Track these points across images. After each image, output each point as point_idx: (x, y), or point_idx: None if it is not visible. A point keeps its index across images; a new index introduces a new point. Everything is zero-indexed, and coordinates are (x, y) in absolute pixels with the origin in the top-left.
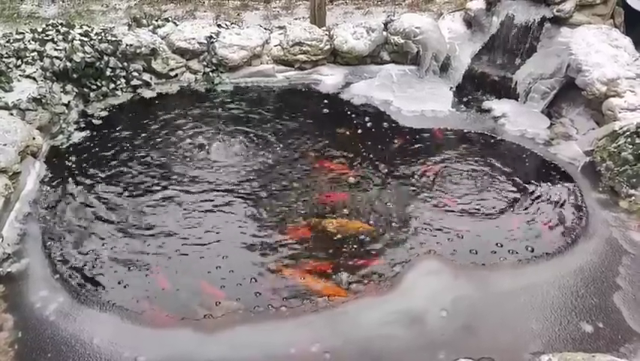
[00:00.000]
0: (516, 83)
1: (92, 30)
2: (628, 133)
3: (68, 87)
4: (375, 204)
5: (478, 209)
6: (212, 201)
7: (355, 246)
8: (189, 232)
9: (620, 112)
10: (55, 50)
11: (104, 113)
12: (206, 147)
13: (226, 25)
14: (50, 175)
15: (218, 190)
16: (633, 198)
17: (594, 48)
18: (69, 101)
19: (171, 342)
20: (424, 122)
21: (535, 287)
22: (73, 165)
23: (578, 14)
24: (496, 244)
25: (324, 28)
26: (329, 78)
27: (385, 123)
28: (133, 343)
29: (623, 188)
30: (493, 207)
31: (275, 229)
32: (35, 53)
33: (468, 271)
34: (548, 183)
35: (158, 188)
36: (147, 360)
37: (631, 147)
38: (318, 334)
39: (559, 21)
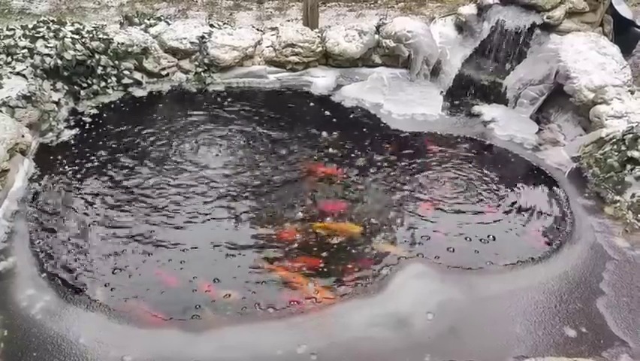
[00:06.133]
0: (506, 88)
1: (84, 28)
2: (614, 140)
3: (59, 85)
4: (363, 206)
5: (466, 212)
6: (201, 203)
7: (343, 248)
8: (178, 232)
9: (606, 119)
10: (46, 47)
11: (94, 112)
12: (196, 147)
13: (218, 25)
14: (39, 173)
15: (206, 192)
16: (618, 204)
17: (582, 55)
18: (59, 99)
19: (158, 342)
20: (414, 125)
21: (520, 291)
22: (63, 163)
23: (567, 21)
24: (482, 248)
25: (316, 30)
26: (320, 80)
27: (376, 126)
28: (119, 342)
29: (608, 194)
30: (480, 211)
31: (264, 232)
32: (26, 50)
33: (454, 274)
34: (535, 189)
35: (148, 187)
36: (134, 360)
37: (617, 153)
38: (304, 335)
39: (548, 28)
